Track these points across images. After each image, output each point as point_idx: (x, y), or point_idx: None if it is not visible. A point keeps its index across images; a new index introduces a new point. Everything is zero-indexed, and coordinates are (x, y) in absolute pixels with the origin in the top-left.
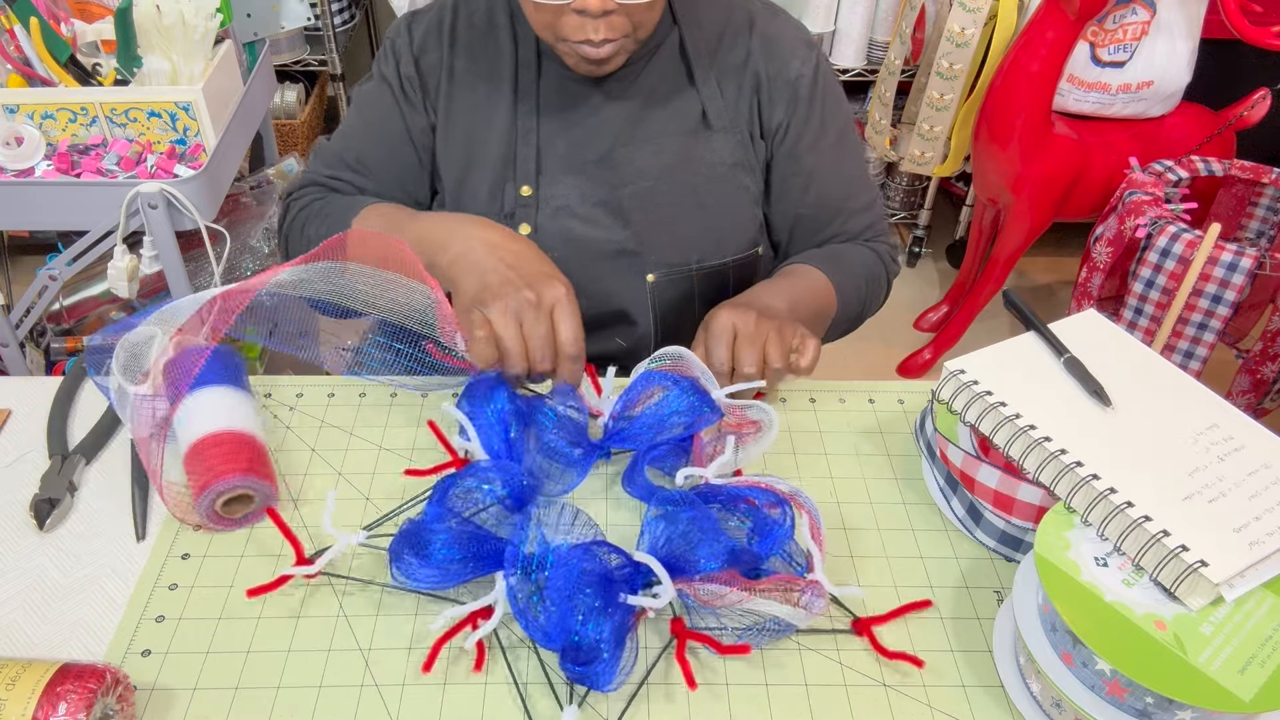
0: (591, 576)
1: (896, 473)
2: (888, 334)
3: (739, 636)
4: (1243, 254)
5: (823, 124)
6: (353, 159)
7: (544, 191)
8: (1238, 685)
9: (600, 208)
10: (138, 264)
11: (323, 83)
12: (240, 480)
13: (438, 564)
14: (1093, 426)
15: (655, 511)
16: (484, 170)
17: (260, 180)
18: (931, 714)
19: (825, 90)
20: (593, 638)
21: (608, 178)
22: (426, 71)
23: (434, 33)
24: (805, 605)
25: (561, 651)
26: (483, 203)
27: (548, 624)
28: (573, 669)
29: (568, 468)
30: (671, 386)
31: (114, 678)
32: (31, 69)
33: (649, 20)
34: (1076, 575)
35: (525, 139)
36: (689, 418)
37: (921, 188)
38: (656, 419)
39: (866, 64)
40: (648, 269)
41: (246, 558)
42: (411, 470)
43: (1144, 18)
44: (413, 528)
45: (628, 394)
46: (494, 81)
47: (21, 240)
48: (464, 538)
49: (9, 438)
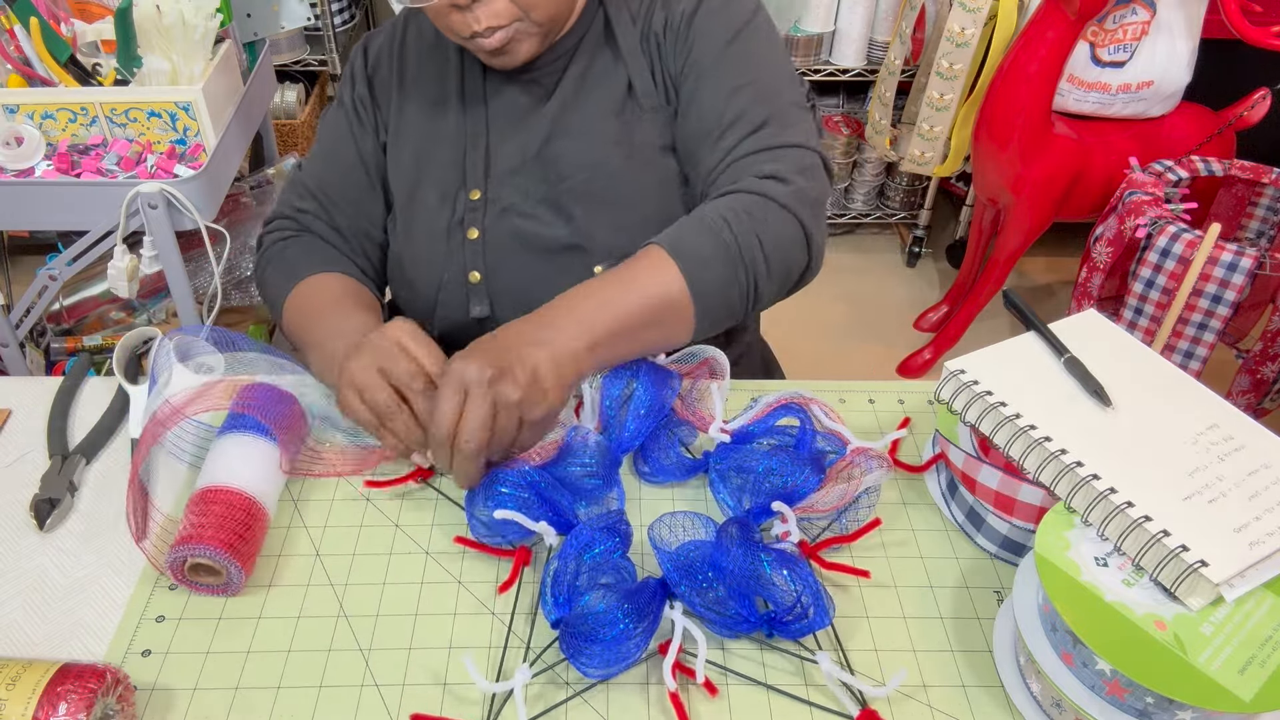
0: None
1: (896, 472)
2: (888, 334)
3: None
4: (1243, 254)
5: (700, 48)
6: (315, 187)
7: (491, 193)
8: (1238, 685)
9: (542, 205)
10: (138, 264)
11: (323, 83)
12: (213, 554)
13: (612, 641)
14: (1093, 426)
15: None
16: (433, 179)
17: (260, 180)
18: (931, 714)
19: (708, 13)
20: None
21: (546, 173)
22: (379, 89)
23: (386, 50)
24: (873, 470)
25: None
26: (432, 211)
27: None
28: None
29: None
30: (791, 442)
31: (114, 678)
32: (31, 69)
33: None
34: (1076, 575)
35: (474, 144)
36: (787, 483)
37: (921, 188)
38: (760, 463)
39: (866, 64)
40: (595, 260)
41: None
42: (371, 482)
43: (1144, 18)
44: (579, 623)
45: (764, 422)
46: (442, 91)
47: (21, 240)
48: (625, 602)
49: (9, 438)
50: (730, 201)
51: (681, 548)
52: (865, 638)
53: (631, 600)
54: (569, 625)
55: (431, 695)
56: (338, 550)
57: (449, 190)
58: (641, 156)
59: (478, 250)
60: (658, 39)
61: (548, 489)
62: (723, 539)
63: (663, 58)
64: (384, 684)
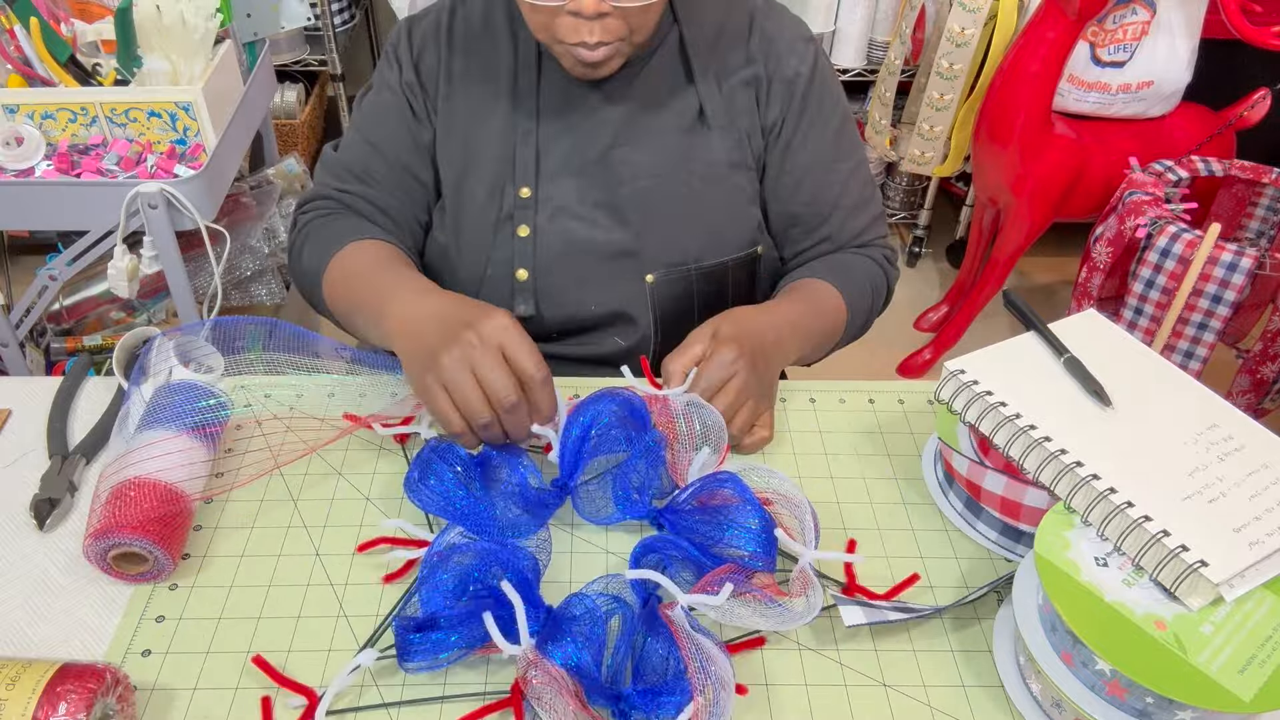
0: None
1: (896, 473)
2: (888, 334)
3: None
4: (1243, 254)
5: (816, 121)
6: (360, 170)
7: (542, 192)
8: (1238, 685)
9: (599, 208)
10: (138, 264)
11: (323, 83)
12: (136, 540)
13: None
14: (1093, 426)
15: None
16: (481, 172)
17: (260, 180)
18: (931, 714)
19: (822, 87)
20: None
21: (606, 178)
22: (426, 75)
23: (432, 35)
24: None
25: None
26: (480, 204)
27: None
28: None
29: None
30: (752, 515)
31: (114, 678)
32: (31, 69)
33: (645, 24)
34: (1076, 575)
35: (524, 140)
36: (749, 558)
37: (921, 188)
38: (713, 528)
39: (866, 64)
40: (646, 269)
41: (246, 557)
42: (389, 576)
43: (1144, 18)
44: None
45: (702, 485)
46: (491, 83)
47: (21, 240)
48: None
49: (9, 438)
50: (868, 266)
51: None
52: (865, 637)
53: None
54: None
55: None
56: (337, 550)
57: (496, 185)
58: (707, 172)
59: (528, 248)
60: (757, 82)
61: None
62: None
63: (759, 100)
64: (384, 684)
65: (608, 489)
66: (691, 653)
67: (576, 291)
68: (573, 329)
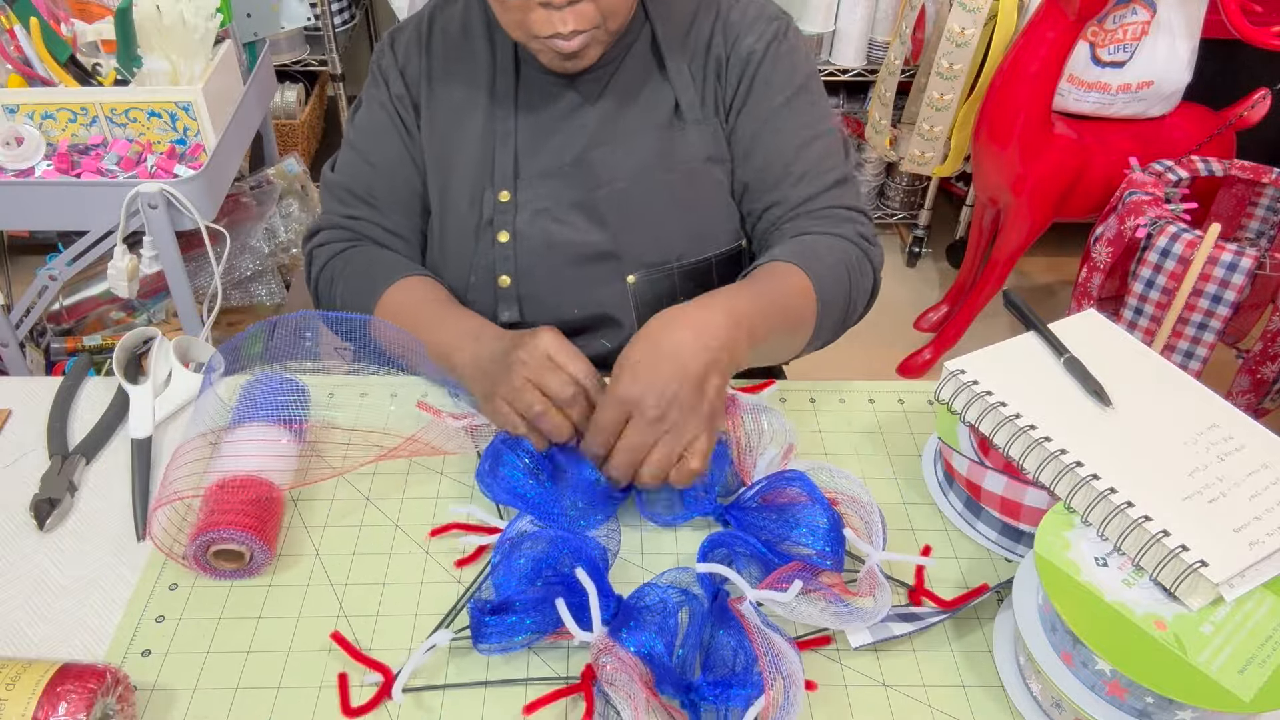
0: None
1: (896, 473)
2: (888, 334)
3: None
4: (1243, 254)
5: (765, 90)
6: (363, 192)
7: (522, 196)
8: (1238, 685)
9: (577, 210)
10: (138, 264)
11: (323, 83)
12: (242, 536)
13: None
14: (1093, 426)
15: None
16: (463, 177)
17: (260, 180)
18: (931, 714)
19: (775, 59)
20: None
21: (583, 180)
22: (411, 85)
23: (413, 45)
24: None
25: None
26: (462, 212)
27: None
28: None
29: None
30: (822, 514)
31: (114, 678)
32: (31, 69)
33: (618, 7)
34: (1076, 575)
35: (503, 143)
36: (817, 556)
37: (921, 188)
38: (781, 526)
39: (866, 64)
40: (627, 270)
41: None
42: (461, 560)
43: (1144, 18)
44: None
45: (769, 483)
46: (470, 88)
47: (21, 240)
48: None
49: (9, 438)
50: (838, 244)
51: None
52: (864, 637)
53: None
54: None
55: (433, 694)
56: (338, 550)
57: (476, 190)
58: (685, 168)
59: (508, 254)
60: (718, 66)
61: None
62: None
63: (720, 83)
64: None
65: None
66: (763, 647)
67: (558, 295)
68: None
